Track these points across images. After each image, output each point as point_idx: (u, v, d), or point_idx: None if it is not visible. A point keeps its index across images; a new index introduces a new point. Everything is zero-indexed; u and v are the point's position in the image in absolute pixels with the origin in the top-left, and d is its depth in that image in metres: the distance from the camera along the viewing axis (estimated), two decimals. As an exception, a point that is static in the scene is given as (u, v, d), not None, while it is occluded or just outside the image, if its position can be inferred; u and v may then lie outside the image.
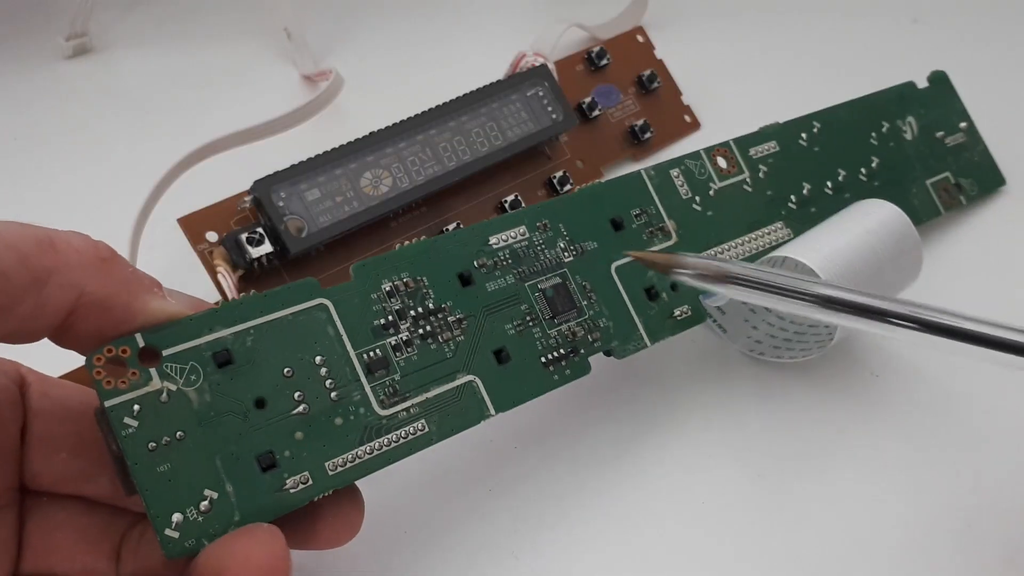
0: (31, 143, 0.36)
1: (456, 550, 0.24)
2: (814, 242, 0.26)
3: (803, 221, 0.28)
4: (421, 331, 0.22)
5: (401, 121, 0.30)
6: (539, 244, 0.24)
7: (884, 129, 0.32)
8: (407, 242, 0.23)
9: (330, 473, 0.20)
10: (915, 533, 0.24)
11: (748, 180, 0.28)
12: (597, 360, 0.24)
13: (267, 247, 0.27)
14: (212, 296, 0.27)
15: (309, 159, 0.28)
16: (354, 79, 0.35)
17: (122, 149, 0.35)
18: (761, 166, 0.29)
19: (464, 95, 0.31)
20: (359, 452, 0.21)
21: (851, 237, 0.26)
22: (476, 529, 0.24)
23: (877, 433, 0.26)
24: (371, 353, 0.21)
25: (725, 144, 0.28)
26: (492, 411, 0.22)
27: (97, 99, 0.39)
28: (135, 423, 0.19)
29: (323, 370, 0.21)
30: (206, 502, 0.19)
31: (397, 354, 0.22)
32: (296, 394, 0.21)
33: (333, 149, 0.29)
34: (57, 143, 0.35)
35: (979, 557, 0.23)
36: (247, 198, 0.28)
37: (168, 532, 0.19)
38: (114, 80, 0.40)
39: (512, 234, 0.24)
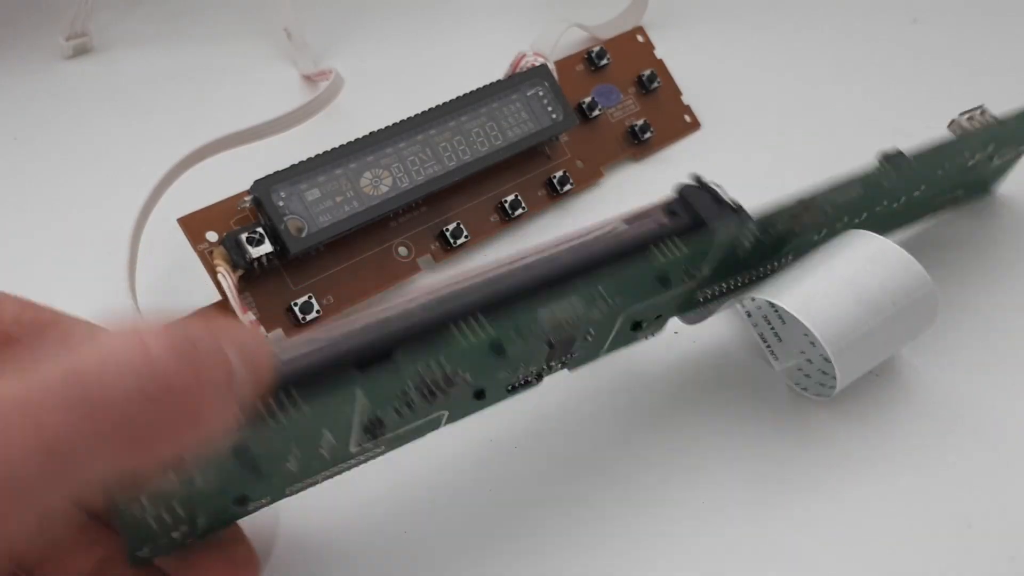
0: (31, 143, 0.36)
1: (456, 550, 0.24)
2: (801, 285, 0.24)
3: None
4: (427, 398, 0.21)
5: (401, 121, 0.30)
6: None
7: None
8: (407, 247, 0.23)
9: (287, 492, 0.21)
10: (915, 532, 0.24)
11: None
12: (600, 363, 0.24)
13: (267, 247, 0.27)
14: (212, 296, 0.27)
15: (309, 159, 0.28)
16: (354, 79, 0.35)
17: (122, 149, 0.35)
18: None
19: (464, 95, 0.31)
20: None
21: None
22: (476, 529, 0.24)
23: (876, 432, 0.26)
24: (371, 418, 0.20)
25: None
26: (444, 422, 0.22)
27: (97, 99, 0.39)
28: None
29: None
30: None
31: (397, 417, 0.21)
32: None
33: (333, 149, 0.29)
34: (57, 143, 0.35)
35: (980, 556, 0.23)
36: (247, 198, 0.28)
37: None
38: (114, 80, 0.40)
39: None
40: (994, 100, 0.38)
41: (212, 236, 0.27)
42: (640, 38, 0.37)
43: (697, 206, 0.25)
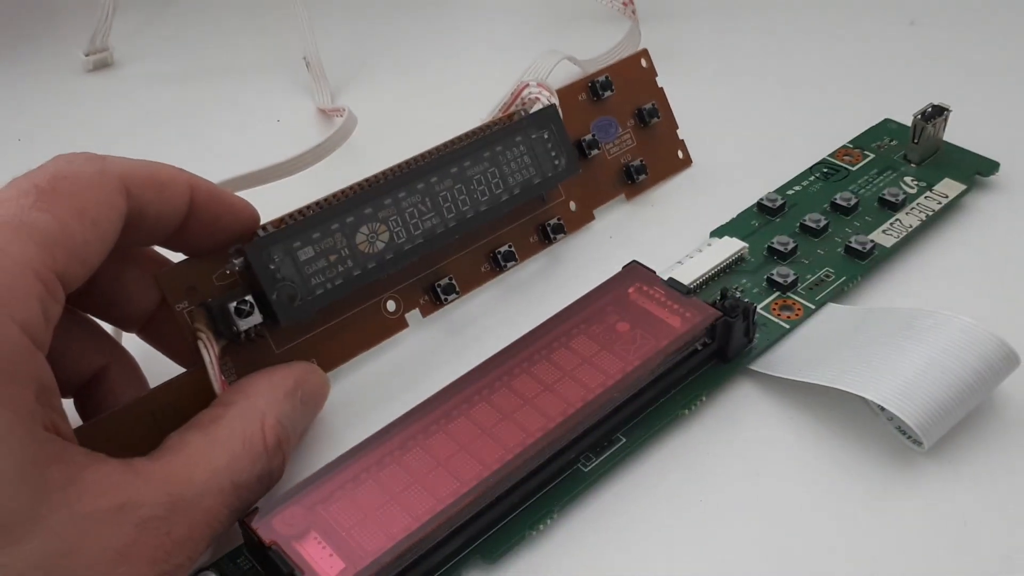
0: (41, 151, 0.36)
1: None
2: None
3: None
4: None
5: (400, 167, 0.28)
6: None
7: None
8: (395, 301, 0.26)
9: None
10: (913, 531, 0.24)
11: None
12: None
13: (256, 318, 0.24)
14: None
15: (303, 213, 0.26)
16: (367, 118, 0.35)
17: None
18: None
19: (467, 135, 0.29)
20: None
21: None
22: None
23: (873, 432, 0.26)
24: None
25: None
26: None
27: (111, 115, 0.40)
28: None
29: None
30: None
31: None
32: None
33: (329, 200, 0.26)
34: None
35: (978, 555, 0.23)
36: (236, 260, 0.25)
37: None
38: (129, 99, 0.41)
39: None
40: (994, 100, 0.39)
41: (192, 296, 0.24)
42: (644, 63, 0.35)
43: (731, 338, 0.26)
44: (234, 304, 0.24)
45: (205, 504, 0.20)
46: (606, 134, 0.34)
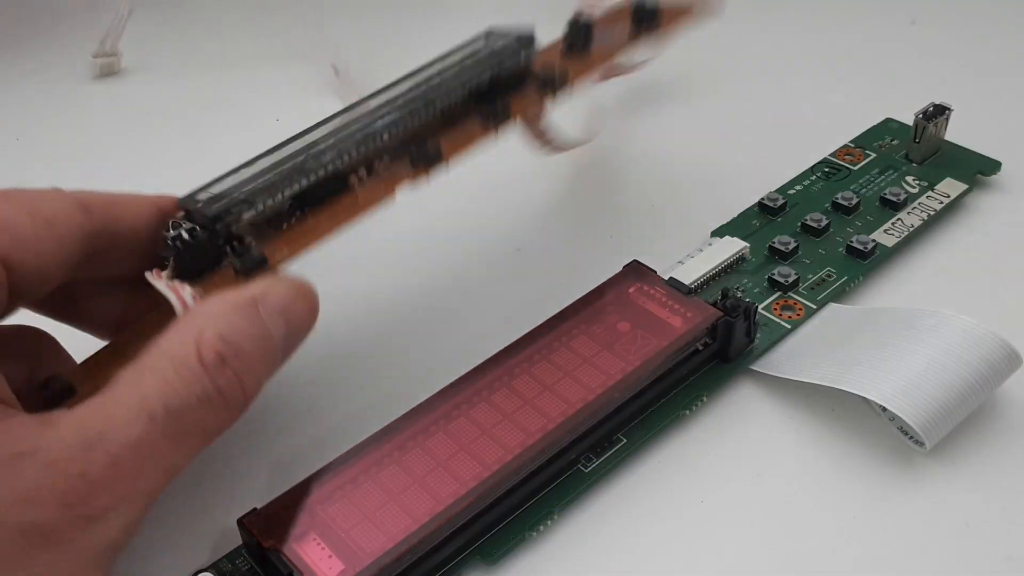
0: (50, 159, 0.36)
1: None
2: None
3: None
4: None
5: (326, 119, 0.26)
6: None
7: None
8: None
9: None
10: (915, 532, 0.24)
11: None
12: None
13: (188, 226, 0.23)
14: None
15: (235, 169, 0.25)
16: None
17: (130, 178, 0.35)
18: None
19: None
20: None
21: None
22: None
23: (875, 432, 0.26)
24: None
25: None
26: None
27: (111, 117, 0.39)
28: None
29: None
30: None
31: None
32: None
33: (261, 155, 0.25)
34: (72, 161, 0.36)
35: (979, 555, 0.23)
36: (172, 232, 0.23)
37: None
38: (137, 104, 0.41)
39: None
40: (996, 99, 0.39)
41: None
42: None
43: (732, 338, 0.26)
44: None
45: (132, 435, 0.18)
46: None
